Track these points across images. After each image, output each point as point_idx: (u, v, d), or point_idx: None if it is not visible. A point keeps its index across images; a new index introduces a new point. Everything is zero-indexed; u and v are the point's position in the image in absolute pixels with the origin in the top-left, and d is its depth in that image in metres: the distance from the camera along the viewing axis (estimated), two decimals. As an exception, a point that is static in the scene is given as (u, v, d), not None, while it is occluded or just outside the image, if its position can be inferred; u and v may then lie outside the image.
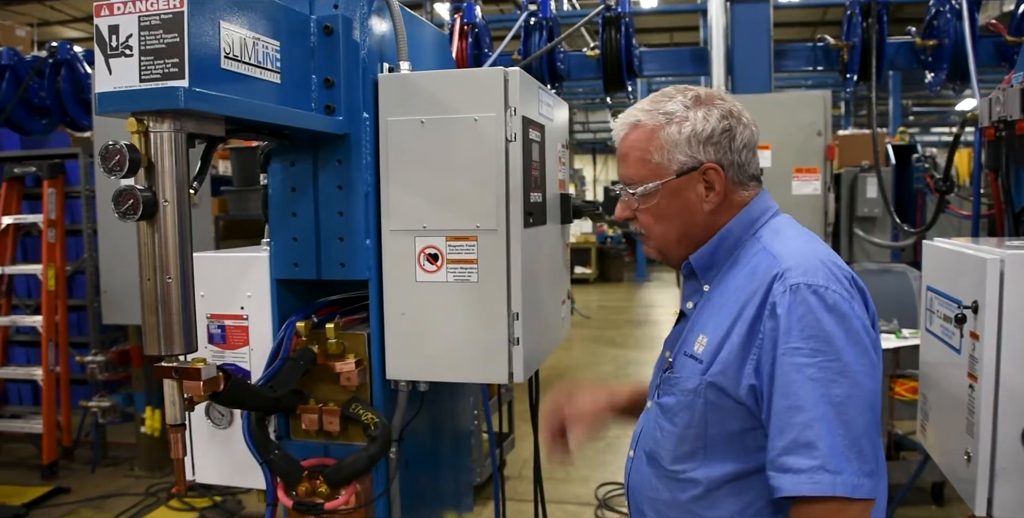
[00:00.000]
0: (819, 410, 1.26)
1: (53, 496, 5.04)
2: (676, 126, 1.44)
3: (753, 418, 1.36)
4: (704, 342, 1.42)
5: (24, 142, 5.94)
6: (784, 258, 1.37)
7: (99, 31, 1.34)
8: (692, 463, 1.42)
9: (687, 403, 1.42)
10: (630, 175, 1.50)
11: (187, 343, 1.40)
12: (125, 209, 1.32)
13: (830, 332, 1.29)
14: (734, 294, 1.41)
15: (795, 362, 1.28)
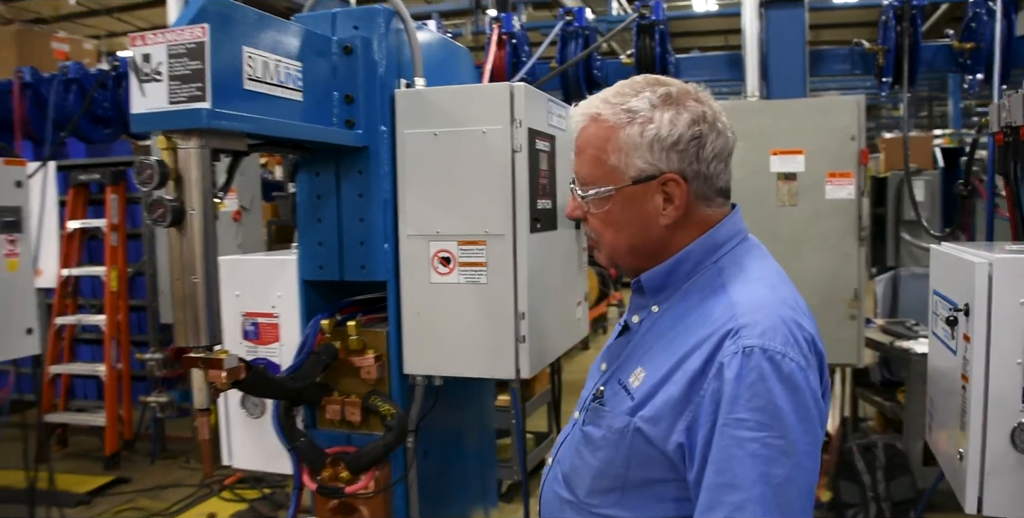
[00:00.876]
0: (755, 491, 1.14)
1: (114, 485, 5.32)
2: (638, 127, 1.28)
3: (675, 471, 1.25)
4: (641, 377, 1.30)
5: (89, 150, 6.27)
6: (742, 311, 1.23)
7: (133, 59, 1.51)
8: (608, 499, 1.32)
9: (612, 441, 1.30)
10: (583, 174, 1.36)
11: (211, 336, 1.56)
12: (156, 217, 1.49)
13: (780, 406, 1.16)
14: (682, 335, 1.28)
15: (738, 435, 1.16)
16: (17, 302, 3.82)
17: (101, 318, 5.68)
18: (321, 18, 2.04)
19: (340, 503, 2.07)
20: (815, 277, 4.39)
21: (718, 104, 1.35)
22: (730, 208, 1.41)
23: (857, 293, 4.36)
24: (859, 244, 4.38)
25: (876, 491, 4.37)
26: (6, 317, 3.75)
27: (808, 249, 4.41)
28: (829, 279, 4.38)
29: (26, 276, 3.87)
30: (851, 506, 4.39)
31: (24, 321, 3.85)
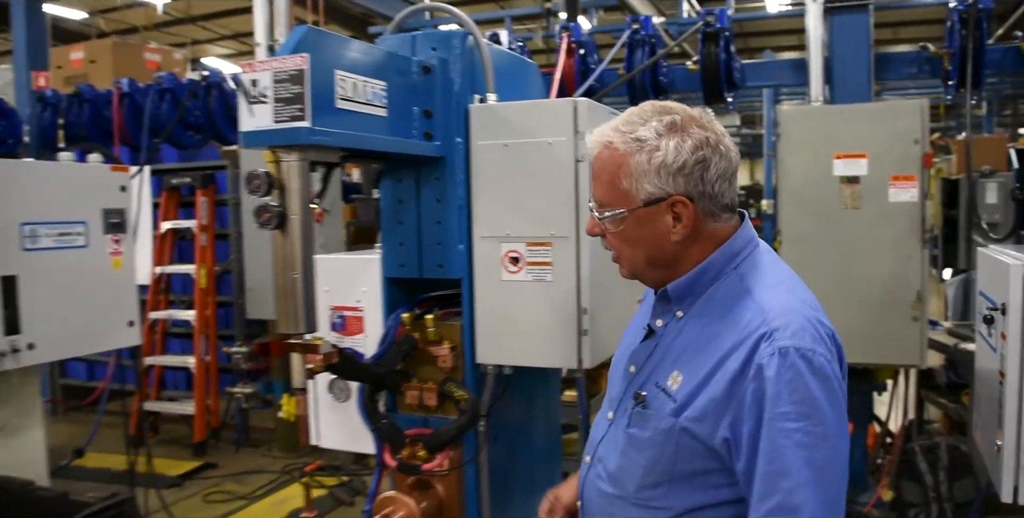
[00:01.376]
0: (803, 475, 1.28)
1: (202, 470, 5.67)
2: (646, 155, 1.40)
3: (720, 461, 1.38)
4: (679, 380, 1.42)
5: (180, 155, 6.66)
6: (772, 315, 1.36)
7: (243, 84, 1.74)
8: (658, 492, 1.44)
9: (659, 441, 1.42)
10: (599, 196, 1.47)
11: (309, 324, 1.78)
12: (263, 221, 1.72)
13: (816, 397, 1.30)
14: (715, 339, 1.39)
15: (784, 427, 1.29)
16: (121, 297, 4.16)
17: (191, 313, 6.05)
18: (402, 40, 2.26)
19: (417, 480, 2.28)
20: (878, 279, 4.46)
21: (721, 127, 1.45)
22: (738, 219, 1.51)
23: (920, 295, 4.41)
24: (922, 246, 4.43)
25: (938, 492, 4.40)
26: (111, 311, 4.10)
27: (871, 251, 4.47)
28: (892, 281, 4.44)
29: (128, 273, 4.21)
30: (913, 506, 4.44)
31: (127, 314, 4.19)
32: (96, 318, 4.00)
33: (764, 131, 16.54)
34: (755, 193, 18.54)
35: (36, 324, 3.69)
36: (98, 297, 4.00)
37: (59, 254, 3.82)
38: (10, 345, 3.61)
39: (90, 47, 8.53)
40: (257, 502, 5.05)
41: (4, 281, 3.59)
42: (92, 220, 3.96)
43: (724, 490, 1.40)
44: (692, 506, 1.42)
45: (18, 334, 3.64)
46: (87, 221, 3.95)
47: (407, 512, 2.16)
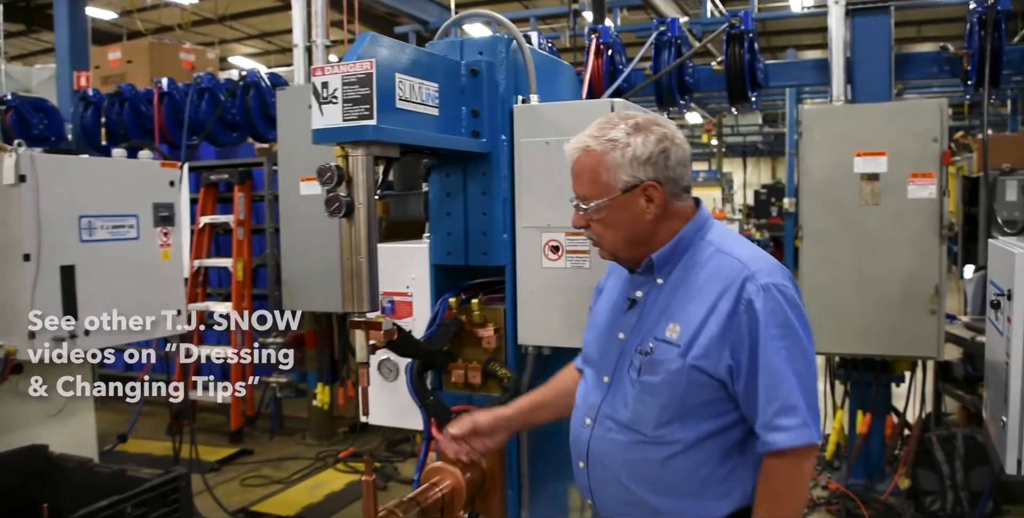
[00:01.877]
0: (792, 381, 1.64)
1: (239, 456, 5.89)
2: (620, 151, 1.70)
3: (722, 390, 1.69)
4: (677, 330, 1.70)
5: (218, 152, 6.87)
6: (749, 263, 1.69)
7: (315, 86, 1.92)
8: (671, 427, 1.71)
9: (671, 381, 1.69)
10: (583, 193, 1.76)
11: (372, 304, 1.96)
12: (333, 209, 1.90)
13: (792, 320, 1.65)
14: (702, 291, 1.70)
15: (775, 345, 1.63)
16: (169, 287, 4.38)
17: (228, 305, 6.26)
18: (451, 45, 2.43)
19: (461, 453, 2.45)
20: (897, 274, 4.60)
21: (674, 125, 1.80)
22: (693, 200, 1.83)
23: (937, 289, 4.54)
24: (940, 242, 4.56)
25: (954, 480, 4.54)
26: (160, 300, 4.30)
27: (890, 247, 4.61)
28: (910, 275, 4.57)
29: (177, 264, 4.42)
30: (929, 493, 4.57)
31: (175, 303, 4.40)
32: (146, 306, 4.20)
33: (786, 129, 16.66)
34: (777, 191, 18.61)
35: (92, 311, 3.90)
36: (148, 286, 4.21)
37: (113, 245, 4.04)
38: (68, 330, 3.82)
39: (127, 47, 8.77)
40: (293, 486, 5.25)
41: (64, 270, 3.81)
42: (143, 213, 4.18)
43: (724, 417, 1.71)
44: (700, 435, 1.71)
45: (75, 320, 3.86)
46: (138, 214, 4.16)
47: (454, 481, 2.33)
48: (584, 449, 1.88)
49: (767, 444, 1.67)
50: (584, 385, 1.96)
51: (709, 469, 1.73)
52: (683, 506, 1.75)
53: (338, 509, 4.74)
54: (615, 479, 1.82)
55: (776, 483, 1.69)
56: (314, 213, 5.53)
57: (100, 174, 4.01)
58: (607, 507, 1.89)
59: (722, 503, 1.75)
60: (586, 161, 1.75)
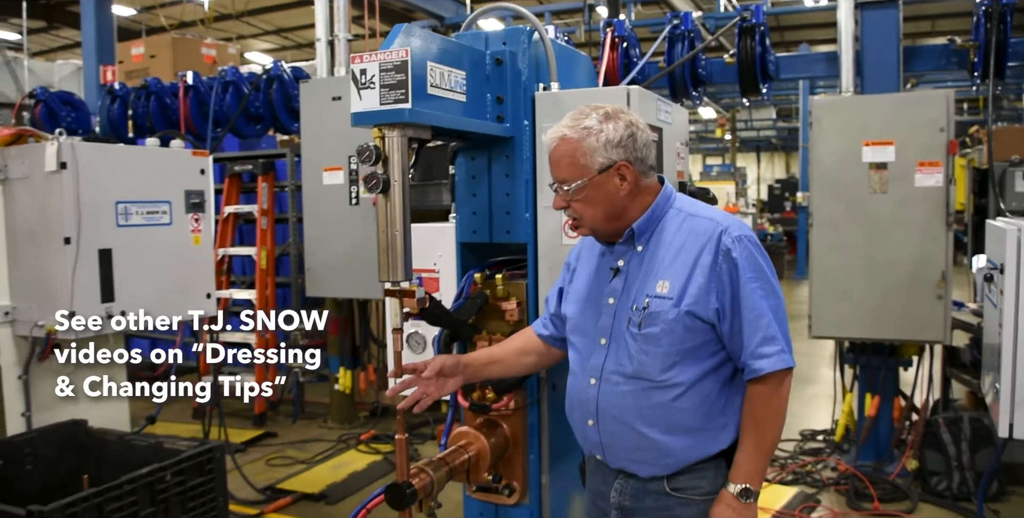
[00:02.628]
0: (770, 315, 1.92)
1: (264, 438, 6.07)
2: (594, 137, 1.94)
3: (711, 332, 1.95)
4: (667, 285, 1.95)
5: (241, 144, 7.05)
6: (721, 220, 1.98)
7: (353, 72, 2.08)
8: (674, 371, 1.96)
9: (670, 329, 1.94)
10: (563, 176, 1.98)
11: (406, 273, 2.11)
12: (371, 186, 2.05)
13: (763, 265, 1.95)
14: (683, 250, 1.97)
15: (752, 287, 1.92)
16: (200, 271, 4.55)
17: (251, 293, 6.44)
18: (476, 36, 2.58)
19: (486, 419, 2.61)
20: (904, 260, 4.73)
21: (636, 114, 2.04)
22: (658, 177, 2.08)
23: (944, 274, 4.67)
24: (946, 229, 4.68)
25: (960, 461, 4.67)
26: (191, 283, 4.48)
27: (897, 233, 4.74)
28: (918, 262, 4.70)
29: (207, 249, 4.59)
30: (936, 474, 4.71)
31: (205, 287, 4.58)
32: (178, 289, 4.39)
33: (800, 124, 16.73)
34: (790, 186, 18.68)
35: (127, 293, 4.08)
36: (180, 270, 4.39)
37: (147, 230, 4.22)
38: (106, 311, 4.00)
39: (150, 42, 8.97)
40: (317, 466, 5.43)
41: (102, 254, 3.99)
42: (175, 200, 4.35)
43: (716, 357, 1.98)
44: (700, 374, 1.97)
45: (112, 302, 4.04)
46: (171, 201, 4.33)
47: (480, 444, 2.49)
48: (593, 407, 2.09)
49: (754, 371, 1.94)
50: (577, 353, 2.16)
51: (709, 404, 1.99)
52: (691, 441, 1.99)
53: (361, 487, 4.90)
54: (629, 428, 2.02)
55: (760, 404, 1.96)
56: (336, 202, 5.72)
57: (135, 162, 4.19)
58: (620, 457, 2.09)
59: (722, 436, 2.01)
60: (564, 148, 1.98)
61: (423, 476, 2.23)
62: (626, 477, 2.10)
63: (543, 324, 2.36)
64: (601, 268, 2.13)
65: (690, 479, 2.03)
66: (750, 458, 1.98)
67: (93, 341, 3.79)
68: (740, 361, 1.97)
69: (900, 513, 4.51)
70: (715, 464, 2.04)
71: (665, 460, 2.02)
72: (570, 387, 2.19)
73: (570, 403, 2.19)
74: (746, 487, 1.97)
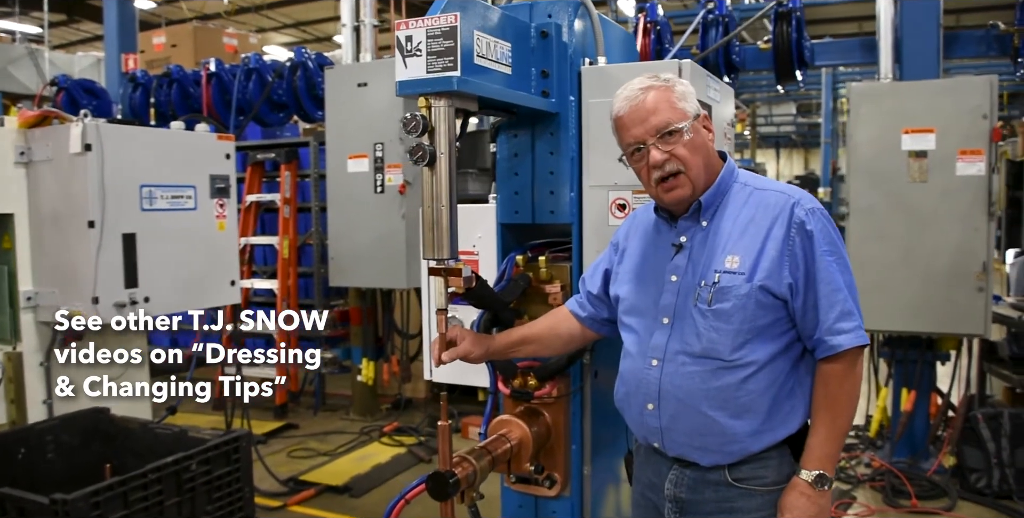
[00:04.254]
0: (845, 290, 1.85)
1: (285, 430, 6.00)
2: (680, 87, 1.92)
3: (783, 309, 1.87)
4: (737, 261, 1.87)
5: (263, 132, 6.98)
6: (791, 192, 1.91)
7: (398, 39, 1.98)
8: (745, 350, 1.87)
9: (741, 305, 1.86)
10: (668, 119, 1.89)
11: (452, 251, 2.01)
12: (416, 158, 1.95)
13: (836, 238, 1.88)
14: (752, 223, 1.89)
15: (827, 260, 1.84)
16: (224, 258, 4.47)
17: (273, 282, 6.37)
18: (520, 8, 2.48)
19: (527, 407, 2.51)
20: (944, 250, 4.60)
21: None
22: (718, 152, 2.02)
23: (985, 266, 4.54)
24: (988, 219, 4.55)
25: (1000, 458, 4.54)
26: (216, 270, 4.41)
27: (938, 223, 4.61)
28: (958, 252, 4.58)
29: (231, 236, 4.52)
30: (975, 471, 4.58)
31: (229, 274, 4.50)
32: (203, 276, 4.31)
33: (822, 119, 16.55)
34: (811, 183, 18.48)
35: (151, 279, 4.01)
36: (205, 257, 4.32)
37: (172, 215, 4.14)
38: (129, 297, 3.93)
39: (171, 32, 8.92)
40: (339, 458, 5.35)
41: (125, 238, 3.91)
42: (200, 185, 4.27)
43: (787, 336, 1.89)
44: (772, 354, 1.88)
45: (136, 287, 3.96)
46: (196, 185, 4.25)
47: (521, 433, 2.39)
48: (655, 390, 1.98)
49: (832, 348, 1.85)
50: (635, 335, 2.06)
51: (779, 385, 1.90)
52: (758, 426, 1.90)
53: (385, 479, 4.81)
54: (694, 410, 1.92)
55: (834, 384, 1.87)
56: (361, 190, 5.63)
57: (160, 145, 4.12)
58: (680, 444, 1.97)
59: (789, 420, 1.92)
60: (657, 96, 1.91)
61: (466, 465, 2.14)
62: (683, 467, 2.00)
63: (579, 305, 2.27)
64: (660, 245, 2.03)
65: (753, 469, 1.93)
66: (824, 442, 1.88)
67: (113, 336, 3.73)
68: (814, 338, 1.88)
69: (939, 510, 4.39)
70: (779, 452, 1.93)
71: (730, 446, 1.91)
72: (625, 370, 2.08)
73: (626, 388, 2.07)
74: (821, 473, 1.87)
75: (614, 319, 2.20)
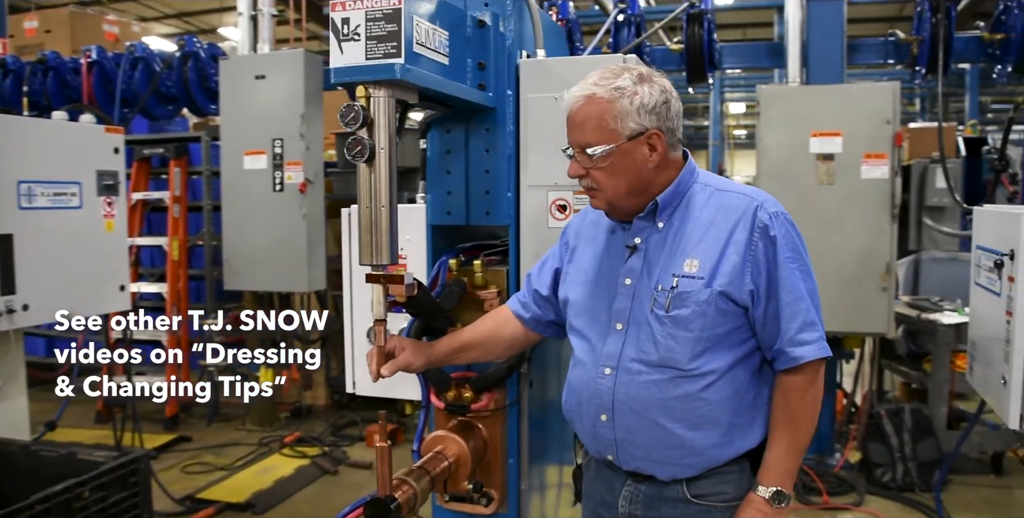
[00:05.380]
0: (807, 299, 1.76)
1: (177, 443, 5.64)
2: (628, 99, 1.73)
3: (743, 317, 1.78)
4: (696, 264, 1.77)
5: (150, 126, 6.56)
6: (754, 195, 1.81)
7: (333, 22, 1.80)
8: (704, 359, 1.77)
9: (701, 311, 1.75)
10: (588, 140, 1.77)
11: (392, 256, 1.84)
12: (355, 153, 1.77)
13: (799, 244, 1.79)
14: (712, 226, 1.78)
15: (791, 266, 1.76)
16: (113, 260, 4.13)
17: (162, 286, 5.99)
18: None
19: (460, 422, 2.36)
20: (850, 252, 4.70)
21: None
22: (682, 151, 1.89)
23: (889, 267, 4.66)
24: (891, 221, 4.67)
25: (903, 452, 4.67)
26: (103, 274, 4.06)
27: (844, 225, 4.70)
28: (863, 253, 4.68)
29: (120, 236, 4.18)
30: (880, 466, 4.69)
31: (118, 278, 4.16)
32: (89, 281, 3.97)
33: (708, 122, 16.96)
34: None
35: (31, 285, 3.64)
36: (91, 259, 3.97)
37: (54, 214, 3.78)
38: (5, 305, 3.57)
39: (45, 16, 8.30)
40: (239, 472, 5.06)
41: (1, 240, 3.54)
42: (86, 181, 3.93)
43: (747, 344, 1.80)
44: (731, 362, 1.79)
45: (13, 294, 3.60)
46: (82, 182, 3.90)
47: (459, 449, 2.24)
48: (608, 400, 1.86)
49: (793, 359, 1.77)
50: (585, 342, 1.93)
51: (740, 395, 1.81)
52: (718, 438, 1.81)
53: (290, 494, 4.55)
54: (650, 422, 1.82)
55: (795, 397, 1.80)
56: (258, 188, 5.34)
57: (40, 137, 3.75)
58: (636, 457, 1.87)
59: (750, 432, 1.83)
60: (591, 109, 1.77)
61: (406, 488, 1.97)
62: (638, 481, 1.89)
63: (522, 305, 2.13)
64: (612, 246, 1.92)
65: (713, 484, 1.84)
66: (783, 457, 1.80)
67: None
68: (774, 349, 1.79)
69: (849, 506, 4.48)
70: (740, 467, 1.85)
71: (688, 459, 1.82)
72: (575, 379, 1.95)
73: (576, 398, 1.94)
74: (779, 490, 1.80)
75: (560, 321, 2.08)
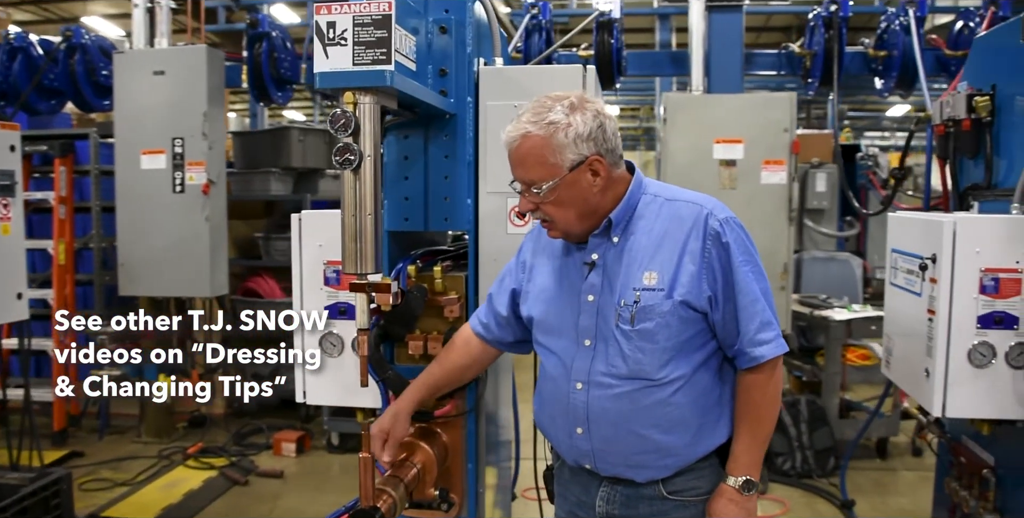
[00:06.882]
0: (763, 300, 1.84)
1: (69, 459, 5.33)
2: (563, 132, 1.77)
3: (703, 322, 1.85)
4: (655, 276, 1.83)
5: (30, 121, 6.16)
6: (703, 202, 1.87)
7: (317, 25, 1.77)
8: (671, 367, 1.85)
9: (665, 323, 1.82)
10: (531, 177, 1.81)
11: (377, 265, 1.83)
12: (342, 161, 1.76)
13: (750, 246, 1.86)
14: (666, 237, 1.84)
15: (745, 269, 1.83)
16: (9, 267, 3.87)
17: (47, 292, 5.65)
18: (414, 0, 2.32)
19: (421, 429, 2.35)
20: (752, 253, 4.92)
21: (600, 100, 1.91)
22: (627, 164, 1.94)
23: (786, 266, 4.93)
24: (789, 223, 4.94)
25: (800, 441, 4.95)
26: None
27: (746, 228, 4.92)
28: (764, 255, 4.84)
29: (18, 240, 3.93)
30: (780, 454, 4.95)
31: (15, 286, 3.91)
32: (-18, 289, 3.71)
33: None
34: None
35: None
36: (-15, 266, 3.72)
37: (-56, 218, 3.52)
38: None
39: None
40: (143, 487, 4.83)
41: None
42: (-22, 182, 3.68)
43: (708, 346, 1.88)
44: (695, 366, 1.87)
45: None
46: (-27, 183, 3.65)
47: (425, 456, 2.23)
48: (582, 414, 1.92)
49: (754, 359, 1.85)
50: (555, 358, 1.98)
51: (705, 396, 1.89)
52: (690, 438, 1.90)
53: (202, 507, 4.40)
54: (627, 431, 1.89)
55: (757, 393, 1.88)
56: (157, 189, 5.13)
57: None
58: (615, 464, 1.93)
59: (718, 429, 1.92)
60: (529, 146, 1.80)
61: (386, 497, 1.96)
62: (615, 483, 1.96)
63: (484, 327, 2.16)
64: (570, 263, 1.96)
65: (688, 480, 1.93)
66: (748, 449, 1.91)
67: None
68: (735, 349, 1.88)
69: (754, 496, 4.69)
70: (711, 463, 1.95)
71: (665, 461, 1.91)
72: (547, 393, 2.01)
73: (548, 410, 2.01)
74: (748, 479, 1.90)
75: (521, 340, 2.14)
